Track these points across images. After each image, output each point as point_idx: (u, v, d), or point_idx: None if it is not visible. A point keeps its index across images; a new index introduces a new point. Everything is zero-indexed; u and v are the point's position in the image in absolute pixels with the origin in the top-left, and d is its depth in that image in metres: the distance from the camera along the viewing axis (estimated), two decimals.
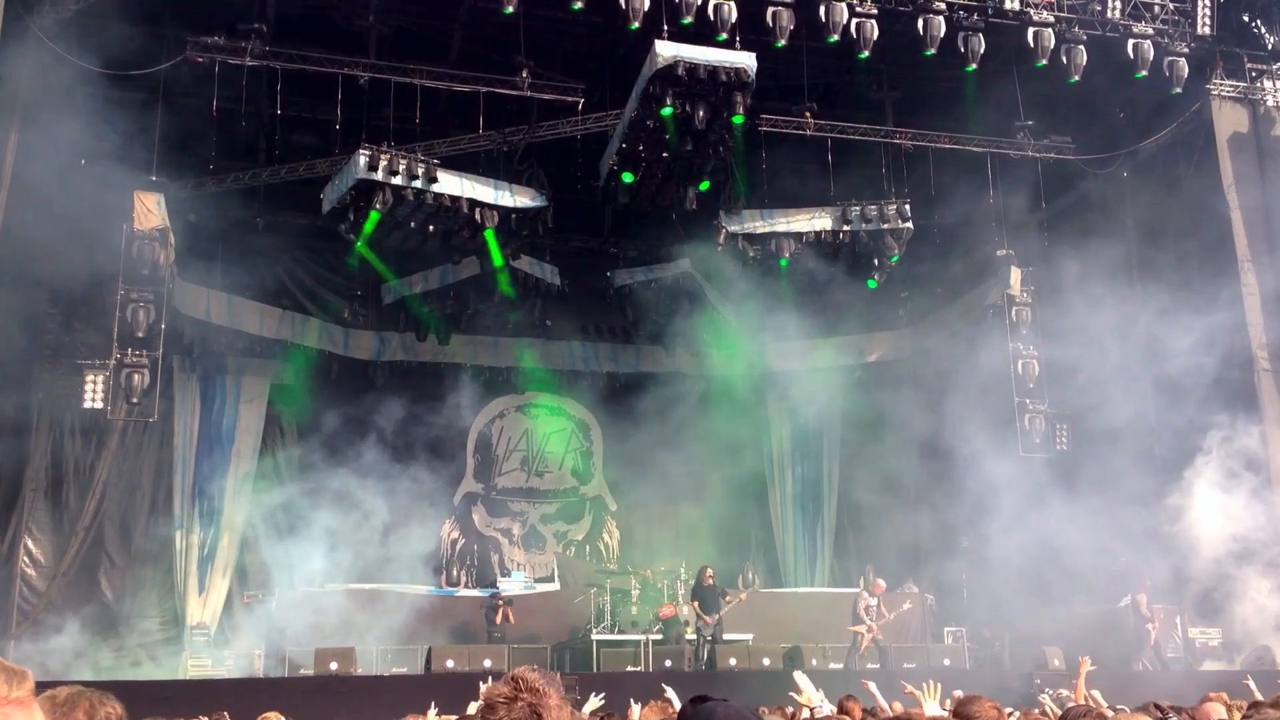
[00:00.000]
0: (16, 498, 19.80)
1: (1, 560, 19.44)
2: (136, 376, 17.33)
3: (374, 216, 18.54)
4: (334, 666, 16.20)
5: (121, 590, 20.27)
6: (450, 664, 16.79)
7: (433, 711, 8.49)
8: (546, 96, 19.31)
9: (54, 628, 18.23)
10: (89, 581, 19.95)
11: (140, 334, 17.46)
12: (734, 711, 3.10)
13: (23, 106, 15.96)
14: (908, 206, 20.38)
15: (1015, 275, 20.95)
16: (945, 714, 4.95)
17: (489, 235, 19.70)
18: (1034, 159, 20.78)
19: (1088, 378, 19.85)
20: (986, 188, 20.94)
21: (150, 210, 17.49)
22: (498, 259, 20.54)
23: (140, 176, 17.72)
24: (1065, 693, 11.70)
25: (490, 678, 8.77)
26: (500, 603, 19.24)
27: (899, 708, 8.17)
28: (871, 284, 21.60)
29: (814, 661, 17.94)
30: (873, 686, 8.61)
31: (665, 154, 18.78)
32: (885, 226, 20.31)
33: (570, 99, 19.42)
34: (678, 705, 8.46)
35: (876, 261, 20.99)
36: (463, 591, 21.06)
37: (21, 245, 17.04)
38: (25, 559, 19.78)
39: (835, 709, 7.33)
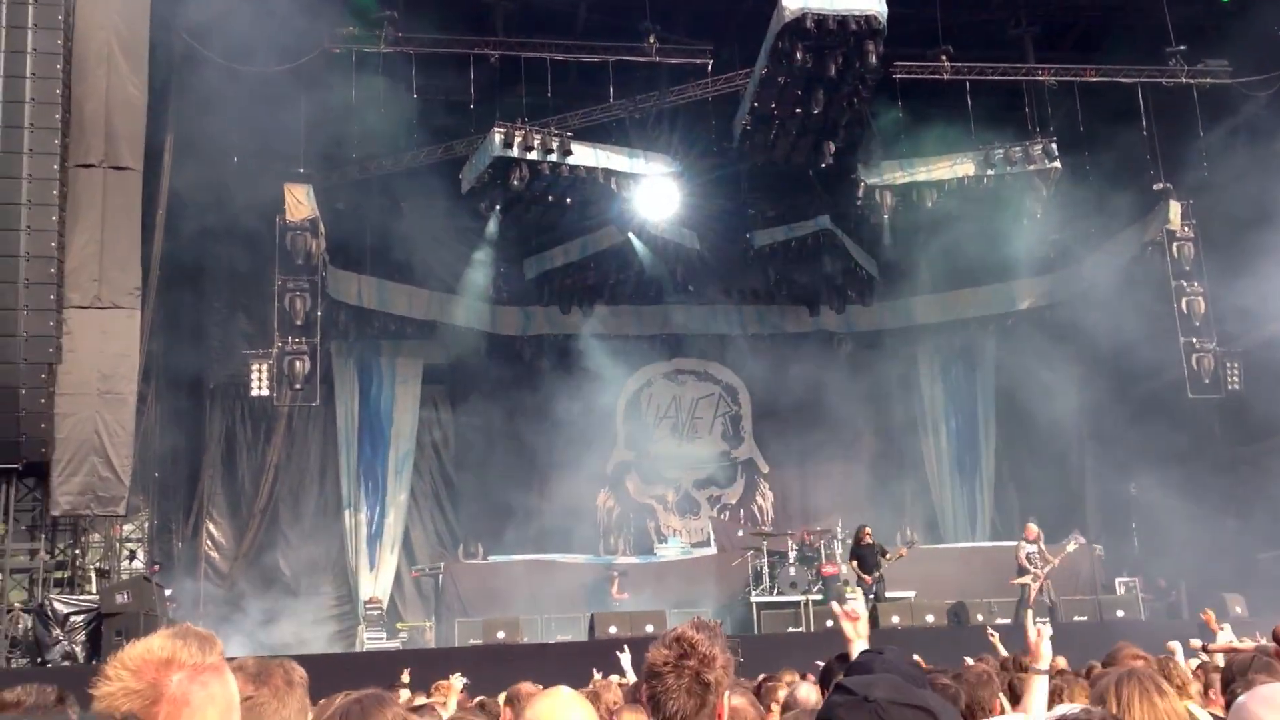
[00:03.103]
0: (196, 485, 20.86)
1: (186, 543, 20.52)
2: (298, 363, 18.01)
3: (512, 193, 18.79)
4: (501, 635, 16.57)
5: (298, 569, 21.14)
6: (613, 630, 16.98)
7: (598, 676, 8.59)
8: (675, 61, 19.22)
9: (238, 607, 19.13)
10: (268, 561, 20.87)
11: (299, 322, 18.13)
12: (891, 664, 3.02)
13: (174, 110, 16.65)
14: (1054, 145, 19.67)
15: (1175, 209, 20.05)
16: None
17: (626, 204, 19.77)
18: (1188, 86, 19.75)
19: (1261, 312, 18.87)
20: (1138, 120, 20.02)
21: (300, 201, 18.10)
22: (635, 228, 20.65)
23: (289, 169, 18.34)
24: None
25: (625, 647, 8.75)
26: (615, 574, 19.45)
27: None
28: (1019, 228, 20.94)
29: (979, 617, 17.54)
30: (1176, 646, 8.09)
31: (799, 110, 18.50)
32: (1031, 168, 19.66)
33: (699, 61, 19.28)
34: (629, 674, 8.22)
35: (1025, 204, 20.34)
36: (620, 559, 21.31)
37: (185, 245, 17.85)
38: (208, 542, 20.84)
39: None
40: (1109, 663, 5.15)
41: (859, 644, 4.05)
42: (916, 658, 5.88)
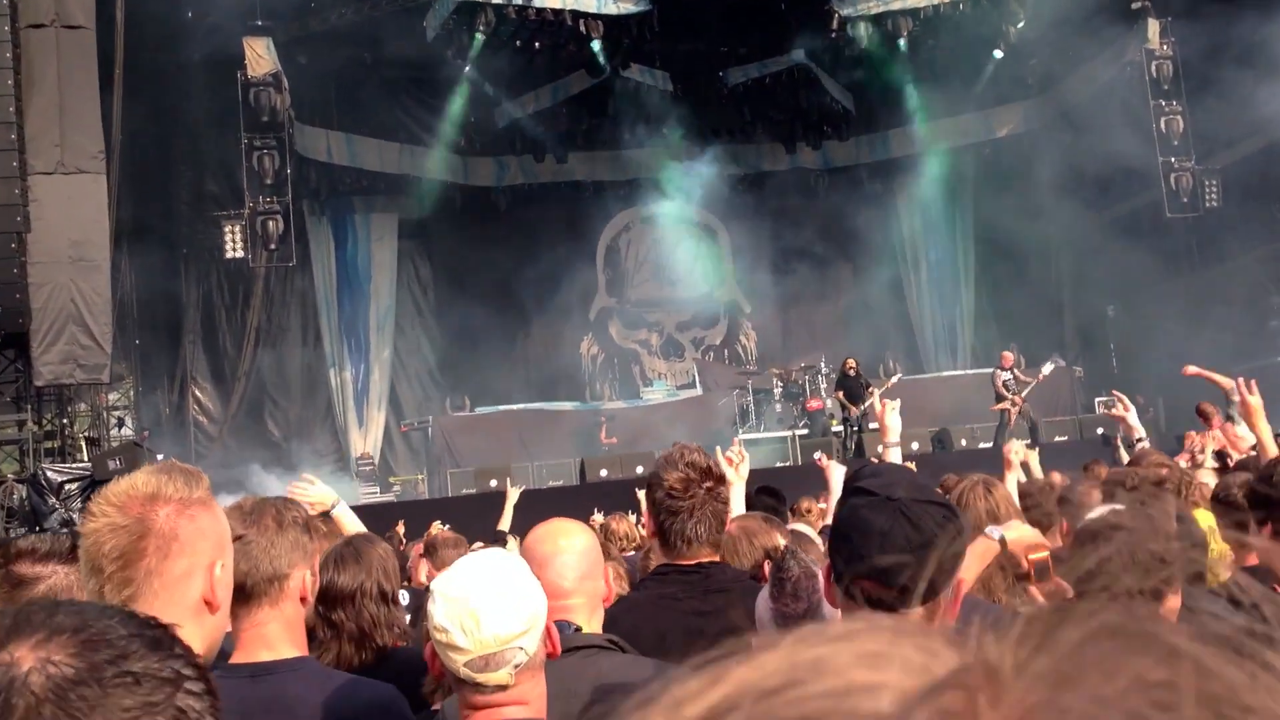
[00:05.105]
0: (178, 351, 20.82)
1: (173, 410, 20.59)
2: (271, 223, 17.73)
3: (479, 39, 18.31)
4: (493, 484, 16.80)
5: (288, 429, 21.29)
6: (604, 473, 17.27)
7: (598, 515, 8.80)
8: None
9: (230, 469, 19.31)
10: (257, 424, 21.00)
11: (269, 181, 17.77)
12: (899, 471, 3.12)
13: None
14: None
15: (1154, 27, 19.66)
16: None
17: (595, 46, 19.29)
18: None
19: (1241, 129, 18.70)
20: None
21: (261, 55, 17.54)
22: (606, 70, 20.17)
23: (246, 22, 17.73)
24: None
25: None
26: (603, 419, 19.66)
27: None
28: (997, 54, 20.55)
29: (963, 442, 17.91)
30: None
31: None
32: None
33: None
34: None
35: (1002, 29, 19.92)
36: (607, 405, 21.51)
37: (145, 106, 17.35)
38: (195, 407, 20.91)
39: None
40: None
41: (738, 484, 4.43)
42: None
